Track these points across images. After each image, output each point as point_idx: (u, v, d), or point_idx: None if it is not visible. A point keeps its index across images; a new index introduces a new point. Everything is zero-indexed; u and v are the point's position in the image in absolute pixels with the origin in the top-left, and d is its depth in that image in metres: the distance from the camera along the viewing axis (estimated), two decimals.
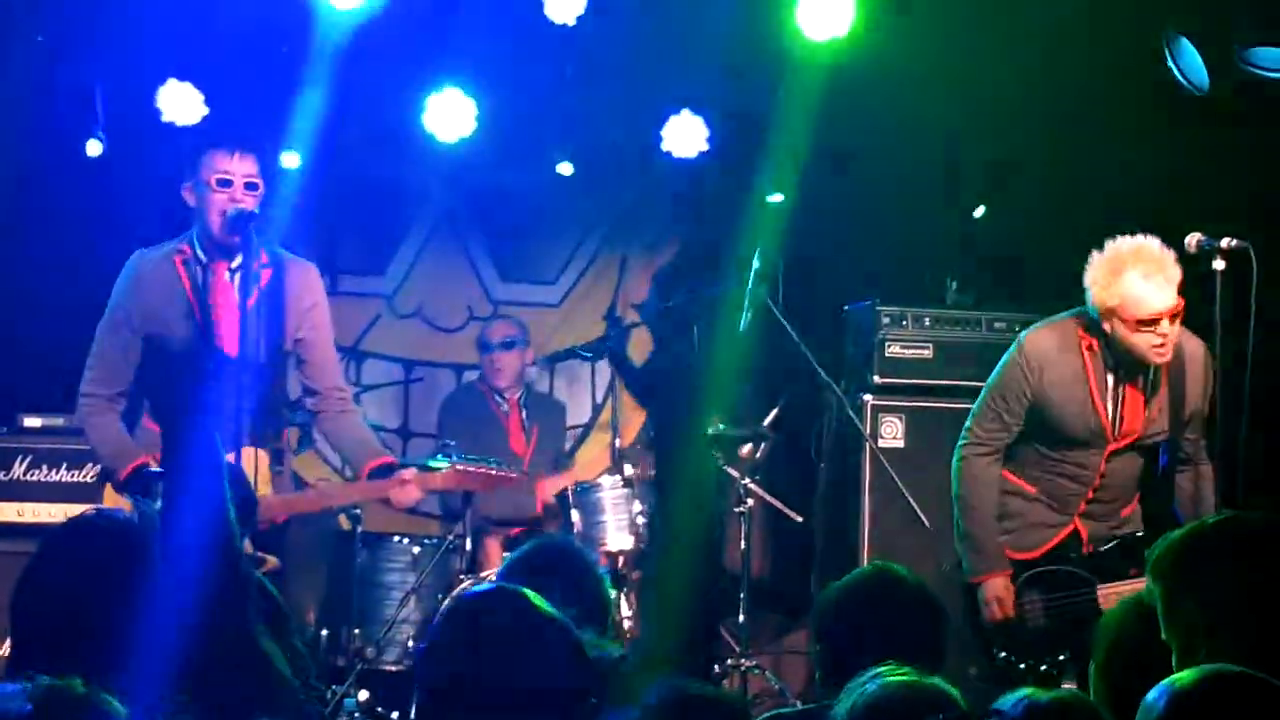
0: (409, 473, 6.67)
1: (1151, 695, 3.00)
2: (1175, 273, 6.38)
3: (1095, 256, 6.51)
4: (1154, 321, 6.37)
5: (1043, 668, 6.58)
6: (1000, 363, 6.86)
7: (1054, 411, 6.67)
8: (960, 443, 6.90)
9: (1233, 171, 6.81)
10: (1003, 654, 6.66)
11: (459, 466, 6.97)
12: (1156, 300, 6.35)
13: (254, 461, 6.36)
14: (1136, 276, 6.35)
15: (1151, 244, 6.40)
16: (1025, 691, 3.42)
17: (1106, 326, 6.51)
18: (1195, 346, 6.61)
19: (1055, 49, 8.14)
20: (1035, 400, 6.68)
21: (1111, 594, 6.46)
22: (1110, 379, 6.64)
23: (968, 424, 6.89)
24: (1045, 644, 6.64)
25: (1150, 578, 4.09)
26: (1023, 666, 6.54)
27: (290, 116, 7.41)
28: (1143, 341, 6.42)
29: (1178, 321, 6.43)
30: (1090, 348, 6.63)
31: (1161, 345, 6.41)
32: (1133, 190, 6.90)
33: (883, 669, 3.60)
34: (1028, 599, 6.69)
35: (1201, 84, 8.11)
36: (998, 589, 6.66)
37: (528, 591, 3.56)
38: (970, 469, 6.81)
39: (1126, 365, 6.58)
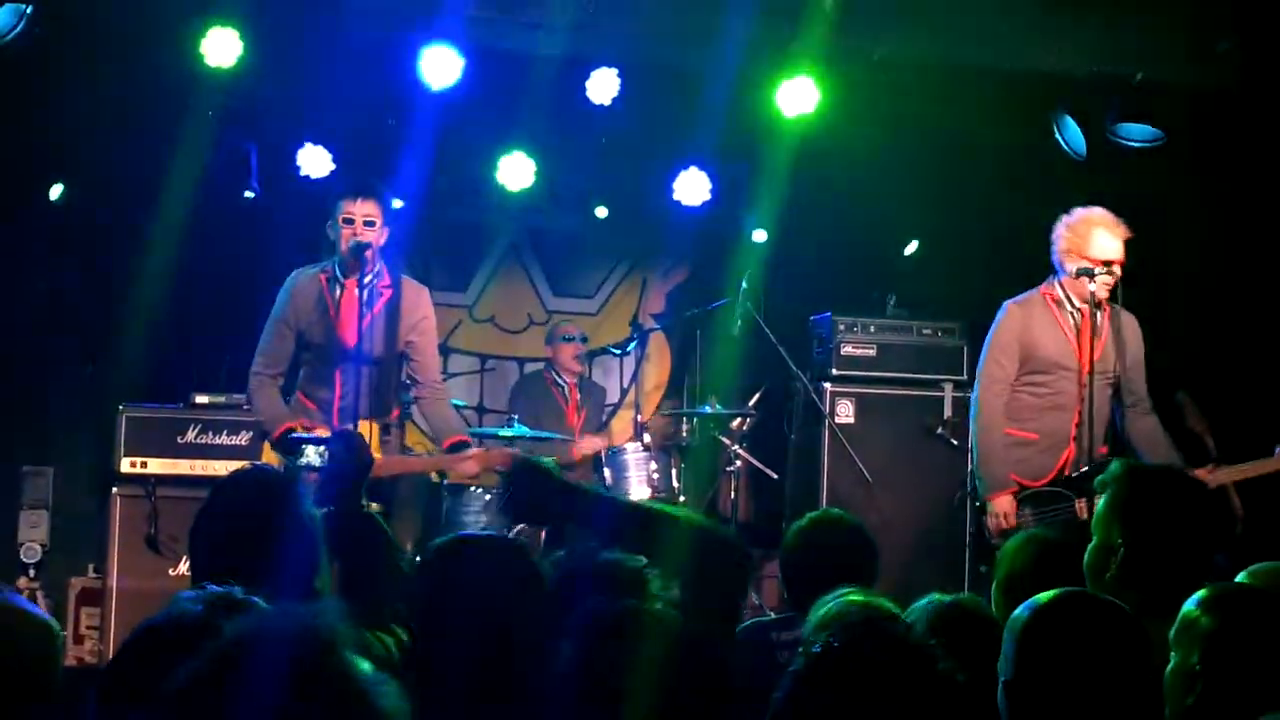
0: (473, 452, 6.68)
1: (1019, 609, 2.94)
2: (1123, 233, 6.55)
3: (1065, 218, 6.65)
4: (1106, 264, 6.48)
5: None
6: (991, 328, 6.86)
7: (1035, 341, 6.68)
8: (974, 397, 6.88)
9: None
10: None
11: (495, 450, 6.95)
12: (1106, 245, 6.51)
13: (370, 431, 6.42)
14: (1101, 229, 6.53)
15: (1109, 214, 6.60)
16: (932, 595, 3.43)
17: (1069, 266, 6.58)
18: (1130, 317, 6.67)
19: (969, 123, 8.15)
20: (1020, 339, 6.71)
21: (1085, 505, 6.45)
22: (1070, 319, 6.67)
23: (977, 379, 6.88)
24: None
25: (1099, 490, 4.07)
26: None
27: (397, 171, 7.43)
28: (1094, 280, 6.49)
29: (1118, 270, 6.52)
30: (1054, 299, 6.69)
31: (1107, 282, 6.51)
32: (1026, 233, 6.90)
33: (841, 591, 3.61)
34: (1023, 515, 6.63)
35: (1080, 152, 8.13)
36: (1004, 505, 6.60)
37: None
38: (985, 407, 6.76)
39: (1080, 307, 6.62)
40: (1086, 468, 6.57)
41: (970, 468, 6.90)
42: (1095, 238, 6.55)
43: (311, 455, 5.47)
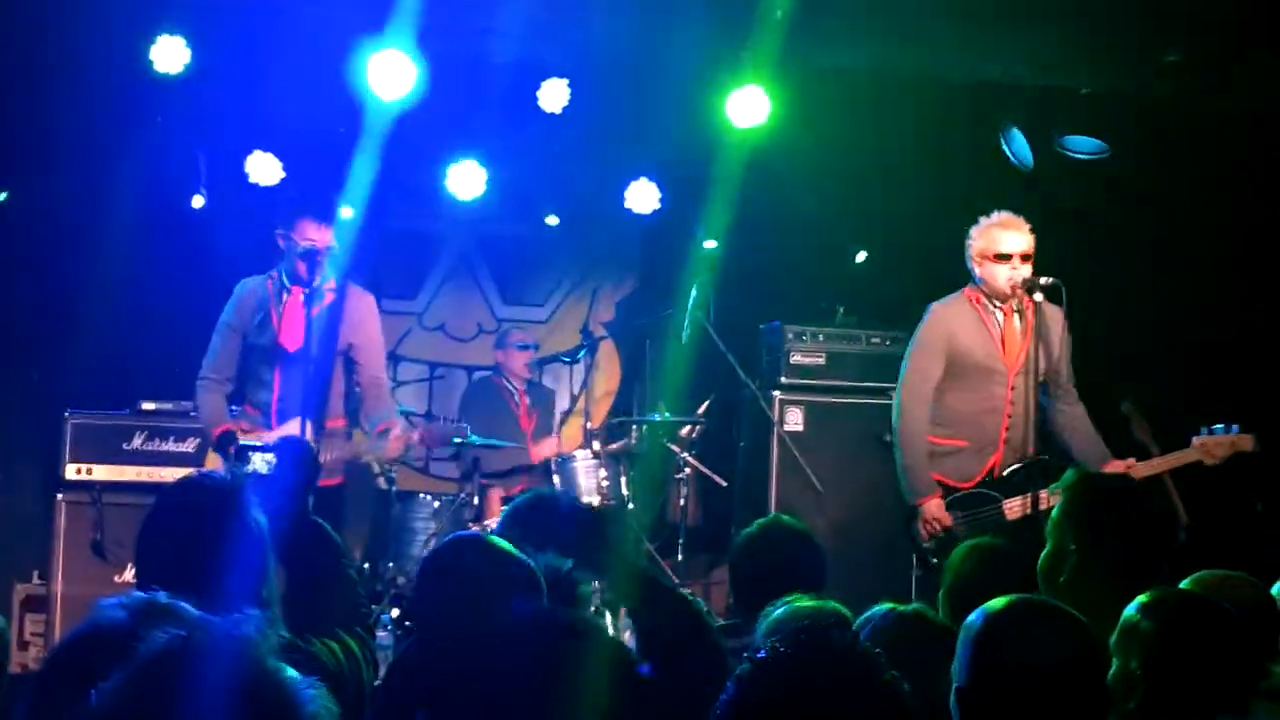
0: (395, 434, 6.72)
1: (972, 616, 2.94)
2: (1026, 229, 6.64)
3: (972, 229, 6.75)
4: (1009, 257, 6.57)
5: None
6: (915, 331, 6.91)
7: (962, 344, 6.71)
8: (896, 400, 6.88)
9: (1051, 229, 6.86)
10: (935, 559, 6.53)
11: (417, 431, 7.08)
12: (1010, 241, 6.60)
13: (304, 428, 6.46)
14: (997, 226, 6.64)
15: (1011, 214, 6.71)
16: (887, 605, 3.45)
17: (979, 270, 6.67)
18: (1055, 310, 6.66)
19: (919, 133, 8.19)
20: (948, 342, 6.73)
21: (1013, 506, 6.50)
22: (994, 319, 6.71)
23: (900, 382, 6.87)
24: None
25: (1059, 491, 4.09)
26: None
27: (346, 179, 7.41)
28: (1002, 273, 6.58)
29: (1028, 263, 6.60)
30: (976, 300, 6.74)
31: (1012, 279, 6.56)
32: None
33: (790, 597, 3.62)
34: (951, 517, 6.63)
35: (1028, 163, 8.19)
36: (934, 510, 6.59)
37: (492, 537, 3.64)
38: (908, 412, 6.76)
39: (1001, 307, 6.68)
40: (1016, 466, 6.63)
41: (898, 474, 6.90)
42: (1000, 235, 6.64)
43: (258, 463, 5.45)
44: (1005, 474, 6.66)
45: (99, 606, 2.57)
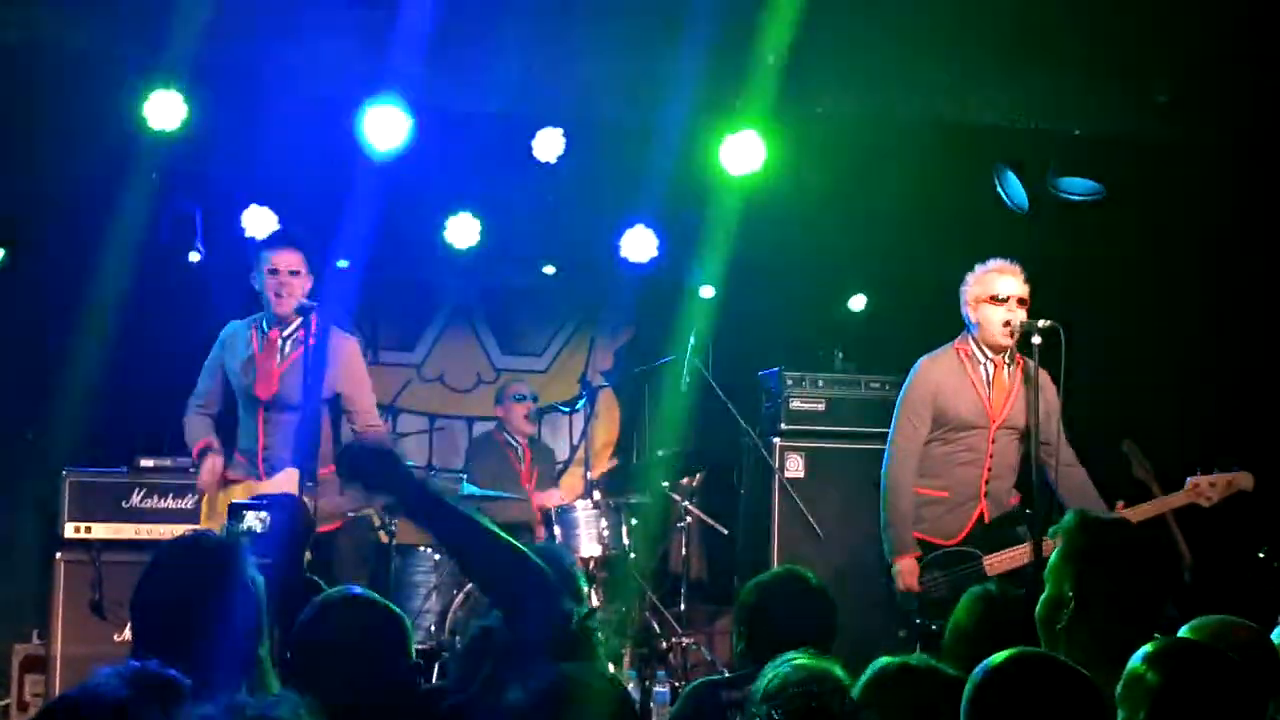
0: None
1: (975, 671, 2.94)
2: (1021, 276, 6.67)
3: (968, 275, 6.78)
4: (1004, 300, 6.59)
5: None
6: (904, 386, 6.93)
7: (948, 402, 6.71)
8: (885, 457, 6.88)
9: (1046, 271, 6.85)
10: (919, 619, 6.62)
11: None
12: (1005, 285, 6.63)
13: (292, 478, 6.46)
14: (993, 271, 6.68)
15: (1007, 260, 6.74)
16: (883, 661, 3.41)
17: (974, 315, 6.69)
18: (1044, 373, 6.67)
19: (914, 177, 8.20)
20: (934, 399, 6.74)
21: (994, 562, 6.51)
22: (982, 371, 6.73)
23: (889, 439, 6.88)
24: (950, 608, 6.58)
25: (1057, 538, 4.06)
26: (934, 627, 6.38)
27: (343, 231, 7.40)
28: (997, 316, 6.60)
29: (1024, 308, 6.61)
30: (965, 353, 6.76)
31: (1009, 323, 6.58)
32: None
33: (790, 654, 3.58)
34: (930, 576, 6.66)
35: (1023, 205, 8.18)
36: (905, 568, 6.62)
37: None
38: (893, 473, 6.77)
39: (992, 358, 6.70)
40: (997, 520, 6.67)
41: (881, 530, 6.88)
42: (996, 281, 6.68)
43: (252, 521, 5.41)
44: (988, 526, 6.69)
45: (96, 674, 2.54)
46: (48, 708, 2.51)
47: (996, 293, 6.63)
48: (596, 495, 8.71)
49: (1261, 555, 7.49)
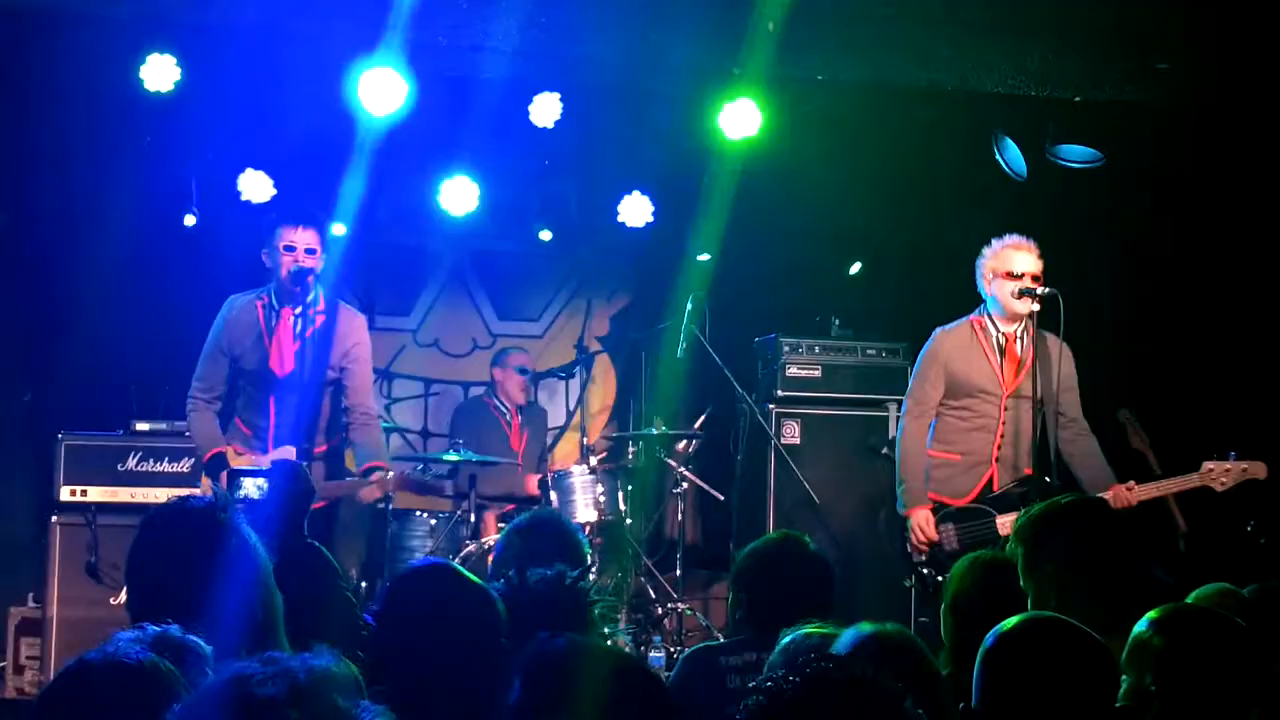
0: (374, 477, 6.56)
1: (986, 638, 2.93)
2: (1036, 253, 6.75)
3: (985, 249, 6.85)
4: (1019, 277, 6.69)
5: None
6: (921, 352, 7.01)
7: (960, 369, 6.81)
8: (901, 412, 7.07)
9: (1046, 240, 6.84)
10: (927, 571, 6.72)
11: (394, 476, 6.85)
12: (1022, 261, 6.72)
13: (290, 454, 6.41)
14: (1010, 247, 6.76)
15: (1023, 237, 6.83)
16: (861, 626, 3.40)
17: (989, 287, 6.80)
18: (1057, 341, 6.78)
19: (911, 144, 8.18)
20: (946, 365, 6.84)
21: (1007, 522, 6.52)
22: (995, 343, 6.82)
23: (906, 397, 7.04)
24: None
25: (1014, 541, 4.09)
26: (941, 579, 6.39)
27: (338, 196, 7.37)
28: (1012, 289, 6.69)
29: (1038, 286, 6.69)
30: (979, 325, 6.86)
31: (1023, 295, 6.68)
32: (968, 253, 6.94)
33: (803, 624, 3.56)
34: (945, 530, 6.73)
35: (1021, 172, 8.17)
36: (920, 519, 6.71)
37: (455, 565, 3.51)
38: (907, 429, 6.92)
39: (1005, 331, 6.79)
40: (1011, 485, 6.71)
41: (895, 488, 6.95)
42: (1013, 257, 6.74)
43: (250, 488, 5.40)
44: (1001, 491, 6.74)
45: (114, 638, 2.54)
46: (67, 670, 2.49)
47: (1012, 269, 6.72)
48: (593, 461, 8.69)
49: (1249, 529, 7.50)
